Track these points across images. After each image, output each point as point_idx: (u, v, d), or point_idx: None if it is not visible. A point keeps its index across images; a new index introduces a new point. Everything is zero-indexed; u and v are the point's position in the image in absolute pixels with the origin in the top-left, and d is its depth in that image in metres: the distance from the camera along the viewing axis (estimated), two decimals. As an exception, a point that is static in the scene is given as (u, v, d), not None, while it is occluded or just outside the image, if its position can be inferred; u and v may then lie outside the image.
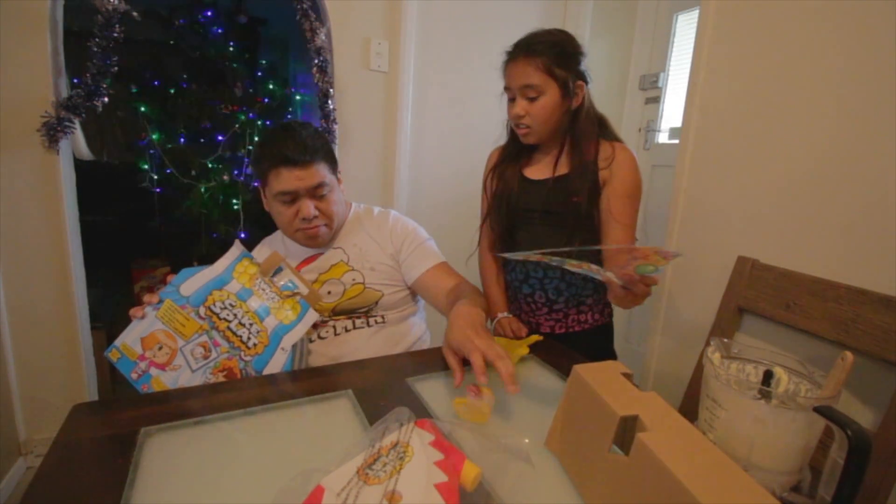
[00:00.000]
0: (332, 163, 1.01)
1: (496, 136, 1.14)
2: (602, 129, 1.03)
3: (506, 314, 1.11)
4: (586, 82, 0.98)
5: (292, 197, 0.95)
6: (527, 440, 0.65)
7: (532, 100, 0.96)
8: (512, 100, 1.00)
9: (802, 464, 0.56)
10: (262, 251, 1.10)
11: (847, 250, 0.93)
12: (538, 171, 1.06)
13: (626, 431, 0.50)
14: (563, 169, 1.02)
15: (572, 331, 1.09)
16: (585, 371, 0.59)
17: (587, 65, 0.99)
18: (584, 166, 0.98)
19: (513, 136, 1.09)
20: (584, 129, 0.99)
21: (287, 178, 0.93)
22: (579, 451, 0.57)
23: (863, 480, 0.47)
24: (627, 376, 0.58)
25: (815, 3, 0.98)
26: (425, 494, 0.45)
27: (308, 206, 0.95)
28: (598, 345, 1.11)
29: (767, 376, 0.60)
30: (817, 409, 0.50)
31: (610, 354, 1.12)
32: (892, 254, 0.85)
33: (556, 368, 0.87)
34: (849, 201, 0.93)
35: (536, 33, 0.98)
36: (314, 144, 0.95)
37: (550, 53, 0.94)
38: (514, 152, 1.09)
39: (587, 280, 1.04)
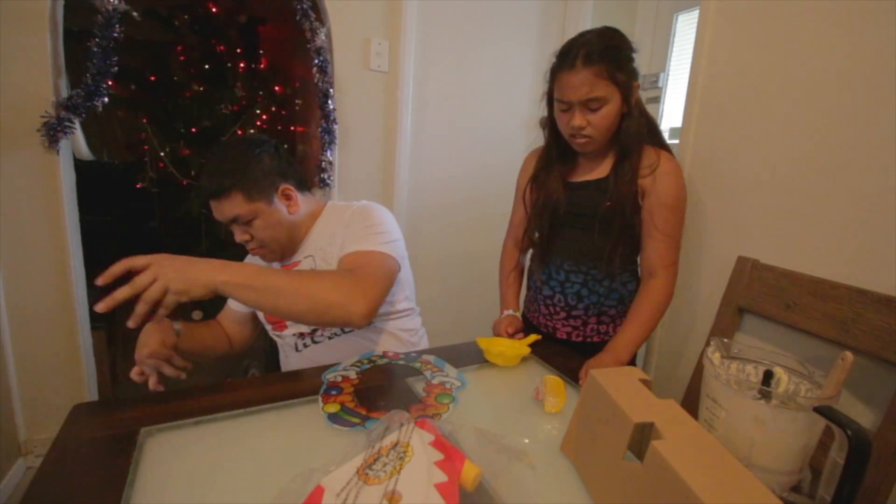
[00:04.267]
0: (255, 190, 0.92)
1: (497, 136, 1.12)
2: (651, 134, 0.96)
3: (510, 312, 1.08)
4: (637, 80, 0.92)
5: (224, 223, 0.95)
6: (526, 440, 0.65)
7: (595, 110, 0.89)
8: (566, 110, 0.91)
9: (802, 464, 0.56)
10: (254, 257, 1.10)
11: (847, 250, 0.93)
12: (582, 173, 1.01)
13: (642, 438, 0.50)
14: (605, 171, 0.96)
15: (590, 340, 1.03)
16: (602, 376, 0.58)
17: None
18: (626, 170, 0.93)
19: (555, 141, 1.01)
20: (633, 131, 0.92)
21: (213, 208, 0.93)
22: (594, 456, 0.56)
23: (863, 480, 0.47)
24: (645, 383, 0.57)
25: (815, 2, 0.98)
26: (425, 494, 0.45)
27: (236, 233, 0.96)
28: None
29: (767, 376, 0.60)
30: (817, 409, 0.50)
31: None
32: (892, 254, 0.85)
33: (556, 369, 0.87)
34: (849, 201, 0.92)
35: (589, 38, 0.89)
36: (220, 178, 0.89)
37: (612, 58, 0.87)
38: (557, 156, 1.02)
39: (612, 290, 1.01)
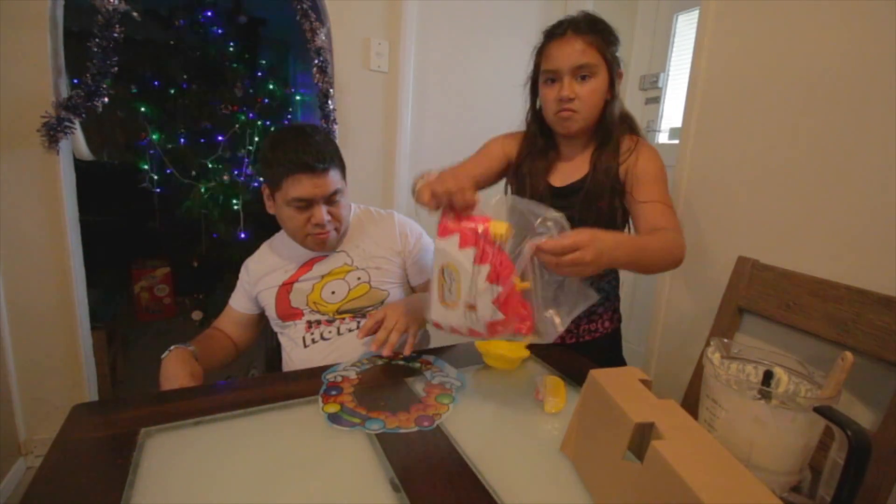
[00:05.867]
0: (343, 168, 1.02)
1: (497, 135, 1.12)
2: (629, 127, 0.96)
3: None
4: (622, 69, 0.92)
5: (307, 203, 0.95)
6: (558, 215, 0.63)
7: (584, 79, 0.87)
8: (552, 81, 0.90)
9: (802, 464, 0.56)
10: (262, 255, 1.10)
11: (847, 250, 0.93)
12: (562, 176, 0.98)
13: (642, 438, 0.50)
14: (585, 168, 0.95)
15: (582, 340, 1.04)
16: (602, 376, 0.58)
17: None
18: (606, 164, 0.92)
19: (538, 133, 0.99)
20: (615, 123, 0.92)
21: (305, 186, 0.93)
22: (594, 456, 0.56)
23: (863, 480, 0.47)
24: (646, 383, 0.57)
25: (814, 3, 0.98)
26: (493, 312, 0.61)
27: (321, 212, 0.96)
28: (608, 352, 1.06)
29: (767, 376, 0.60)
30: (817, 410, 0.50)
31: (619, 361, 1.09)
32: (892, 254, 0.85)
33: (556, 369, 0.87)
34: (849, 201, 0.92)
35: (577, 16, 0.89)
36: (330, 151, 0.95)
37: (601, 33, 0.87)
38: (540, 150, 0.99)
39: (599, 290, 0.99)
